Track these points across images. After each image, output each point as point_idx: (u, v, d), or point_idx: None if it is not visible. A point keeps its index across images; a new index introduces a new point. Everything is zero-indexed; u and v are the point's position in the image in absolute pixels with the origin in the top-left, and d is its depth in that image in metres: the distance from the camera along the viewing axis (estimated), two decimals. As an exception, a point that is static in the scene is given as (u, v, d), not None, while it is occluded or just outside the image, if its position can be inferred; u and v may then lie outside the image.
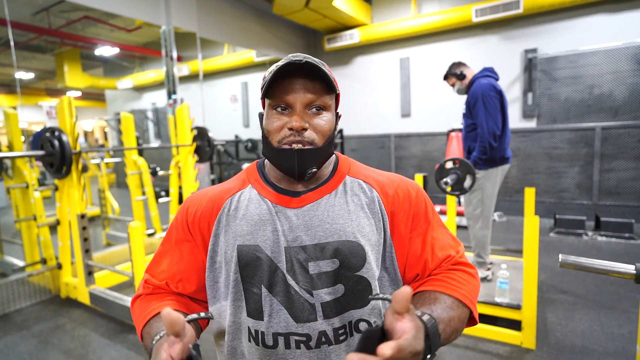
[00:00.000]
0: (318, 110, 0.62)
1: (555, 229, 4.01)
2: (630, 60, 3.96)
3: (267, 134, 0.64)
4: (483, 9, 4.46)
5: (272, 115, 0.63)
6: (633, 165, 4.06)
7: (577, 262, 0.94)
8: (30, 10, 5.39)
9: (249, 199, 0.67)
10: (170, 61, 4.06)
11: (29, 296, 2.73)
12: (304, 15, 4.91)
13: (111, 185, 8.91)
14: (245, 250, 0.63)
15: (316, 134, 0.62)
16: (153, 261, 0.72)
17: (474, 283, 0.65)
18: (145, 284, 0.70)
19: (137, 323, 0.64)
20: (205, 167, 4.44)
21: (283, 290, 0.62)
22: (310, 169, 0.63)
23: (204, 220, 0.67)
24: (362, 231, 0.63)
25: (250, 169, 0.73)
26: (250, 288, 0.63)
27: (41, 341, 2.22)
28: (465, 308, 0.60)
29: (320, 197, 0.66)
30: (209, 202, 0.68)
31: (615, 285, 2.61)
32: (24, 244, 3.10)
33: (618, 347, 1.91)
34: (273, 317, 0.62)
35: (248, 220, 0.65)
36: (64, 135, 2.43)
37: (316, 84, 0.61)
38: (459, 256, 0.68)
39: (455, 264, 0.67)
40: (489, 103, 2.19)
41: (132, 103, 8.95)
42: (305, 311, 0.61)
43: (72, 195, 2.57)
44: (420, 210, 0.68)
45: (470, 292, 0.63)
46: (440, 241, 0.68)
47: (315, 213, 0.64)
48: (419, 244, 0.67)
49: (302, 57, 0.60)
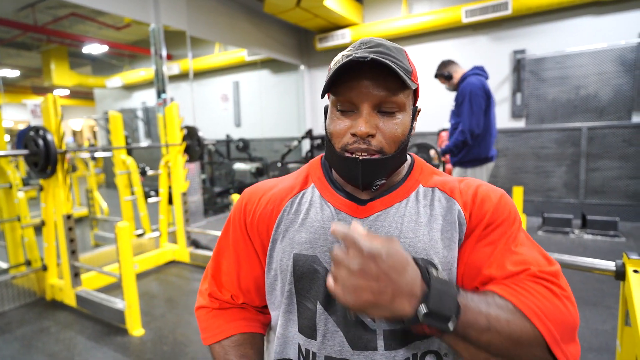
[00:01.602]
0: (389, 111, 0.53)
1: (544, 227, 4.07)
2: (615, 61, 4.04)
3: (330, 136, 0.56)
4: (473, 10, 4.50)
5: (334, 115, 0.55)
6: (618, 164, 4.15)
7: (560, 259, 0.95)
8: (14, 6, 5.27)
9: (310, 201, 0.61)
10: (159, 60, 4.01)
11: (12, 299, 2.67)
12: (295, 15, 4.89)
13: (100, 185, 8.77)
14: (302, 260, 0.57)
15: (385, 140, 0.53)
16: (213, 263, 0.69)
17: (554, 302, 0.48)
18: (210, 298, 0.68)
19: (207, 332, 0.65)
20: (195, 167, 4.40)
21: (341, 310, 0.55)
22: (377, 180, 0.55)
23: (262, 224, 0.62)
24: (435, 247, 0.54)
25: (313, 165, 0.65)
26: (305, 302, 0.58)
27: (24, 345, 2.17)
28: (526, 322, 0.45)
29: (390, 206, 0.58)
30: (269, 203, 0.63)
31: (600, 282, 2.66)
32: (7, 246, 3.03)
33: (602, 342, 1.95)
34: (327, 339, 0.55)
35: (308, 227, 0.58)
36: (48, 134, 2.38)
37: (388, 81, 0.51)
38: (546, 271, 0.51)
39: (535, 277, 0.50)
40: (474, 102, 2.21)
41: (121, 102, 8.83)
42: (364, 338, 0.54)
43: (57, 195, 2.52)
44: (499, 215, 0.55)
45: (543, 307, 0.46)
46: (519, 255, 0.52)
47: (382, 224, 0.56)
48: (484, 253, 0.53)
49: (370, 51, 0.51)
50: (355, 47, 0.53)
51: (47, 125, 2.44)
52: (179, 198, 3.46)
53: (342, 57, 0.53)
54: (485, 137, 2.27)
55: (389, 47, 0.53)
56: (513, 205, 0.57)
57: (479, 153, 2.29)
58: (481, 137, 2.28)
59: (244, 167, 5.80)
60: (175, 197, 3.50)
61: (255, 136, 6.84)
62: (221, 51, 6.67)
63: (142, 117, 8.34)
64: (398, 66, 0.51)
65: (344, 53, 0.53)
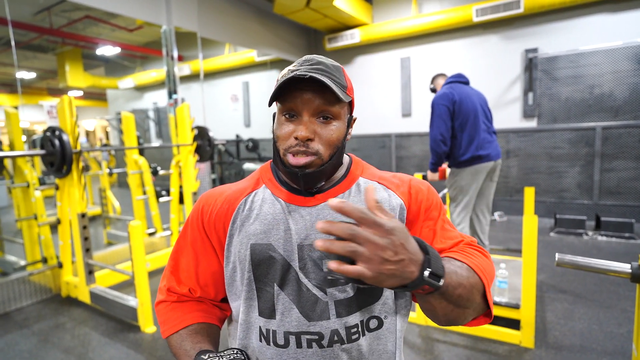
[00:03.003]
0: (326, 119, 0.62)
1: (556, 229, 4.00)
2: (631, 60, 3.95)
3: (276, 139, 0.64)
4: (484, 9, 4.46)
5: (280, 120, 0.63)
6: (633, 165, 4.05)
7: (574, 261, 0.94)
8: (31, 10, 5.40)
9: (262, 199, 0.68)
10: (171, 61, 4.06)
11: (29, 295, 2.74)
12: (304, 15, 4.91)
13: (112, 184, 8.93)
14: (259, 249, 0.63)
15: (322, 144, 0.61)
16: (172, 260, 0.73)
17: (487, 261, 0.63)
18: (168, 292, 0.72)
19: (165, 326, 0.69)
20: (205, 167, 4.45)
21: (295, 289, 0.62)
22: (318, 184, 0.64)
23: (219, 221, 0.68)
24: None
25: (264, 169, 0.73)
26: (263, 287, 0.64)
27: (41, 340, 2.23)
28: (475, 276, 0.58)
29: (334, 197, 0.66)
30: (224, 203, 0.69)
31: (615, 284, 2.61)
32: (24, 243, 3.11)
33: (617, 346, 1.91)
34: (285, 316, 0.62)
35: (262, 220, 0.65)
36: (64, 135, 2.44)
37: (326, 93, 0.60)
38: (470, 240, 0.67)
39: (467, 245, 0.66)
40: (435, 112, 2.38)
41: (133, 103, 8.97)
42: (318, 309, 0.61)
43: (72, 194, 2.58)
44: (431, 203, 0.68)
45: (483, 265, 0.61)
46: (449, 232, 0.68)
47: (329, 211, 0.64)
48: (431, 232, 0.67)
49: (309, 68, 0.59)
50: (299, 63, 0.62)
51: (63, 126, 2.50)
52: (190, 197, 3.51)
53: (287, 71, 0.61)
54: (462, 138, 2.34)
55: (327, 65, 0.61)
56: (436, 193, 0.72)
57: (460, 154, 2.39)
58: (456, 140, 2.38)
59: (254, 167, 5.84)
60: (186, 196, 3.55)
61: (264, 136, 6.88)
62: (231, 52, 6.73)
63: (153, 118, 8.47)
64: (334, 82, 0.59)
65: (290, 68, 0.62)
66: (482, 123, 2.41)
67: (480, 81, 4.88)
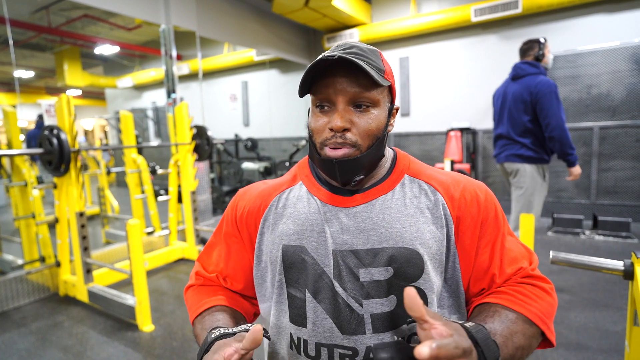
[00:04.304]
0: (364, 107, 0.56)
1: (553, 228, 4.02)
2: (628, 60, 3.97)
3: (311, 133, 0.60)
4: (482, 9, 4.47)
5: (315, 113, 0.59)
6: (630, 164, 4.07)
7: (567, 258, 0.95)
8: (29, 8, 5.39)
9: (298, 196, 0.64)
10: (169, 60, 4.06)
11: (27, 294, 2.74)
12: (303, 15, 4.91)
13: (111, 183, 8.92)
14: (291, 251, 0.60)
15: (360, 135, 0.56)
16: (205, 250, 0.73)
17: (547, 300, 0.57)
18: (196, 276, 0.71)
19: (190, 311, 0.67)
20: (204, 166, 4.45)
21: (329, 298, 0.57)
22: (355, 177, 0.58)
23: (251, 218, 0.65)
24: (421, 238, 0.57)
25: (301, 164, 0.69)
26: (294, 292, 0.60)
27: (39, 338, 2.23)
28: (533, 327, 0.53)
29: (375, 198, 0.60)
30: (257, 199, 0.66)
31: (610, 283, 2.62)
32: (22, 242, 3.11)
33: (612, 344, 1.93)
34: (317, 326, 0.57)
35: (295, 220, 0.61)
36: (62, 133, 2.44)
37: (360, 78, 0.54)
38: (530, 268, 0.60)
39: (526, 277, 0.59)
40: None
41: (132, 102, 8.96)
42: (352, 322, 0.56)
43: (70, 193, 2.58)
44: (489, 216, 0.60)
45: (542, 309, 0.55)
46: (510, 252, 0.60)
47: (369, 215, 0.58)
48: (487, 255, 0.59)
49: (342, 51, 0.55)
50: (332, 49, 0.57)
51: (61, 125, 2.50)
52: (188, 197, 3.51)
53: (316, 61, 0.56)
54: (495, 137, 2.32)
55: (361, 48, 0.56)
56: (495, 198, 0.63)
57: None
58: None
59: (252, 167, 5.84)
60: (184, 195, 3.55)
61: (263, 136, 6.88)
62: (230, 51, 6.73)
63: (152, 117, 8.46)
64: (368, 64, 0.54)
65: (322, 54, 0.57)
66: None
67: (479, 81, 4.90)
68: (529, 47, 2.33)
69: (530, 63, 2.30)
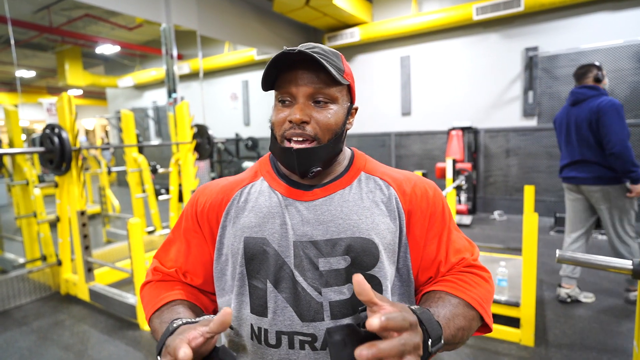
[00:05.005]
0: (323, 103, 0.59)
1: (556, 228, 4.00)
2: (631, 58, 3.95)
3: (272, 126, 0.62)
4: (484, 7, 4.45)
5: (276, 107, 0.61)
6: (634, 163, 4.05)
7: (574, 257, 0.93)
8: (31, 8, 5.39)
9: (259, 191, 0.66)
10: (170, 59, 4.06)
11: (29, 293, 2.74)
12: (304, 13, 4.90)
13: (112, 183, 8.92)
14: (252, 242, 0.61)
15: (319, 128, 0.59)
16: (162, 247, 0.72)
17: (485, 287, 0.62)
18: (154, 271, 0.71)
19: (147, 308, 0.65)
20: (205, 165, 4.45)
21: (290, 287, 0.59)
22: (313, 168, 0.60)
23: (212, 212, 0.66)
24: (376, 229, 0.61)
25: (262, 160, 0.71)
26: (255, 283, 0.61)
27: (40, 337, 2.23)
28: (472, 310, 0.58)
29: (334, 192, 0.63)
30: (219, 193, 0.67)
31: (614, 283, 2.61)
32: (24, 241, 3.11)
33: (617, 344, 1.91)
34: (277, 315, 0.59)
35: (257, 213, 0.63)
36: (63, 132, 2.43)
37: (320, 75, 0.58)
38: (472, 259, 0.66)
39: (468, 267, 0.65)
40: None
41: (133, 101, 8.96)
42: (312, 310, 0.58)
43: (71, 191, 2.58)
44: (437, 210, 0.65)
45: (481, 295, 0.60)
46: (455, 243, 0.65)
47: (328, 207, 0.61)
48: (434, 246, 0.64)
49: (304, 48, 0.57)
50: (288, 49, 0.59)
51: (62, 124, 2.50)
52: (189, 195, 3.50)
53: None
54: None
55: (324, 49, 0.60)
56: (443, 196, 0.68)
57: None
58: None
59: (253, 166, 5.84)
60: (185, 194, 3.55)
61: (264, 135, 6.87)
62: (231, 50, 6.72)
63: (153, 116, 8.46)
64: (329, 63, 0.57)
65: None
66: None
67: (480, 80, 4.88)
68: (585, 71, 2.32)
69: (589, 86, 2.29)
